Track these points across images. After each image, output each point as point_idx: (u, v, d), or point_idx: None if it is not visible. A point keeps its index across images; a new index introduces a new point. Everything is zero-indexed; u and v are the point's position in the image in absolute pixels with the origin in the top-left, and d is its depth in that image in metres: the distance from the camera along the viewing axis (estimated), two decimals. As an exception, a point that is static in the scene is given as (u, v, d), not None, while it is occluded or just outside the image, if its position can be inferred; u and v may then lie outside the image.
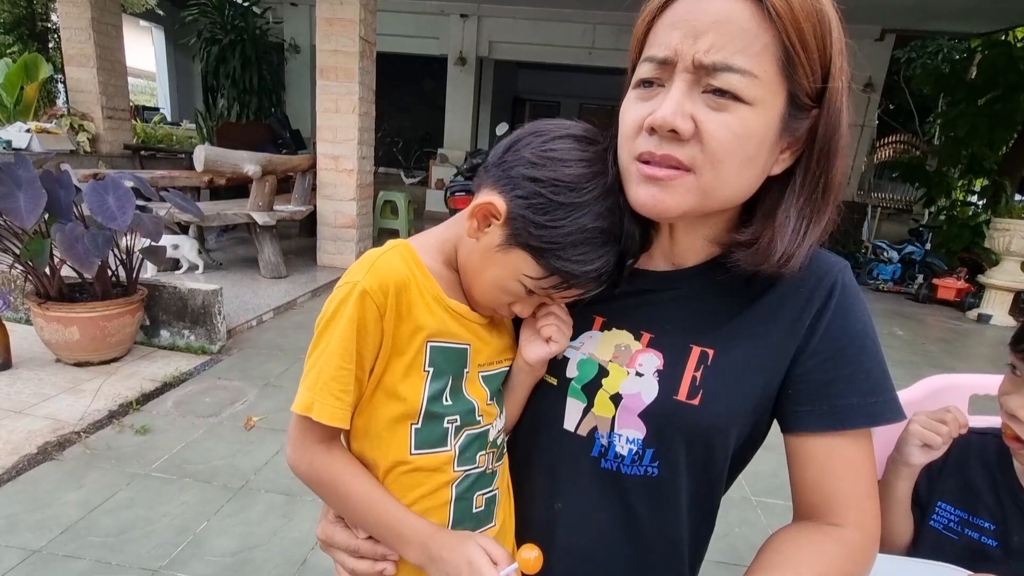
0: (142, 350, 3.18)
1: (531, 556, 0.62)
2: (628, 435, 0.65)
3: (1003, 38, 7.33)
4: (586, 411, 0.67)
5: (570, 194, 0.57)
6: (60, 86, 7.96)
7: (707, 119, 0.52)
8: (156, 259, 3.21)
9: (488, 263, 0.62)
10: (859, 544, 0.60)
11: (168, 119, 10.27)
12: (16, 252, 2.69)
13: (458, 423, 0.65)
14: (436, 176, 9.54)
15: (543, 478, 0.72)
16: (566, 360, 0.68)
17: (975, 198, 8.42)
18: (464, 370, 0.65)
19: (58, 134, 5.78)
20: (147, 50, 11.89)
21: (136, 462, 2.21)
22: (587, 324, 0.69)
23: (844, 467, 0.62)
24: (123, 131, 6.58)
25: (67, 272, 2.82)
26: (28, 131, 5.51)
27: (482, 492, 0.68)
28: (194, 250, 4.48)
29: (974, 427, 0.92)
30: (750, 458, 0.71)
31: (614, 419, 0.65)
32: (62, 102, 7.69)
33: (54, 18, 8.34)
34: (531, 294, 0.63)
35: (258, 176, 4.47)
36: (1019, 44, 7.20)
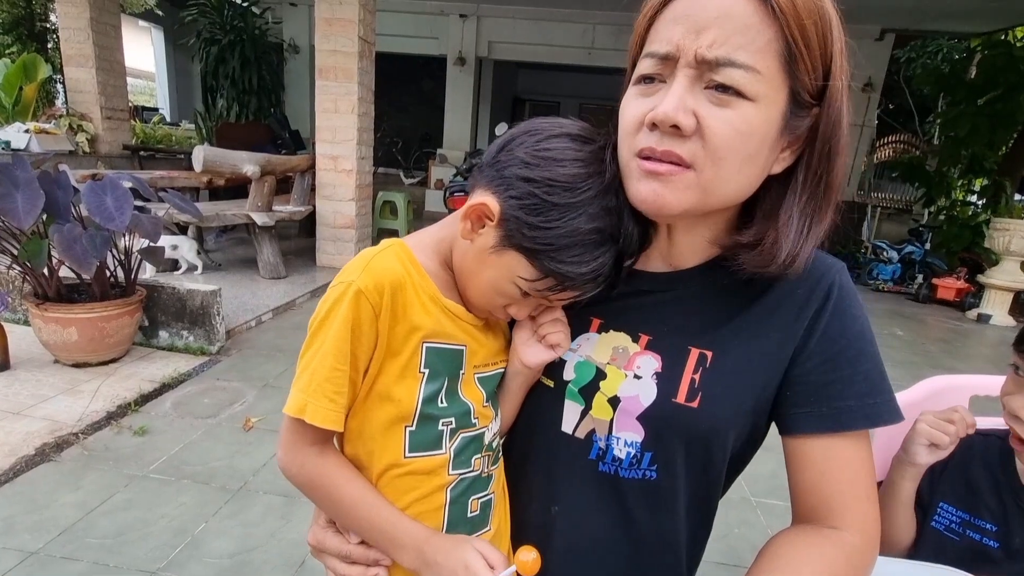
0: (141, 351, 3.17)
1: (528, 558, 0.61)
2: (626, 438, 0.64)
3: (1003, 38, 7.34)
4: (584, 413, 0.66)
5: (564, 194, 0.56)
6: (59, 86, 7.94)
7: (709, 115, 0.52)
8: (155, 260, 3.21)
9: (482, 265, 0.61)
10: (859, 547, 0.60)
11: (167, 119, 10.27)
12: (14, 253, 2.68)
13: (453, 425, 0.64)
14: (435, 176, 9.55)
15: (540, 481, 0.71)
16: (563, 362, 0.68)
17: (975, 198, 8.42)
18: (460, 371, 0.64)
19: (57, 134, 5.77)
20: (146, 50, 11.89)
21: (134, 463, 2.20)
22: (584, 326, 0.68)
23: (842, 469, 0.61)
24: (122, 131, 6.57)
25: (65, 273, 2.81)
26: (27, 131, 5.50)
27: (477, 496, 0.67)
28: (193, 251, 4.47)
29: (978, 428, 0.91)
30: (748, 460, 0.71)
31: (612, 422, 0.65)
32: (61, 102, 7.68)
33: (53, 18, 8.32)
34: (526, 296, 0.62)
35: (257, 176, 4.47)
36: (1019, 44, 7.20)
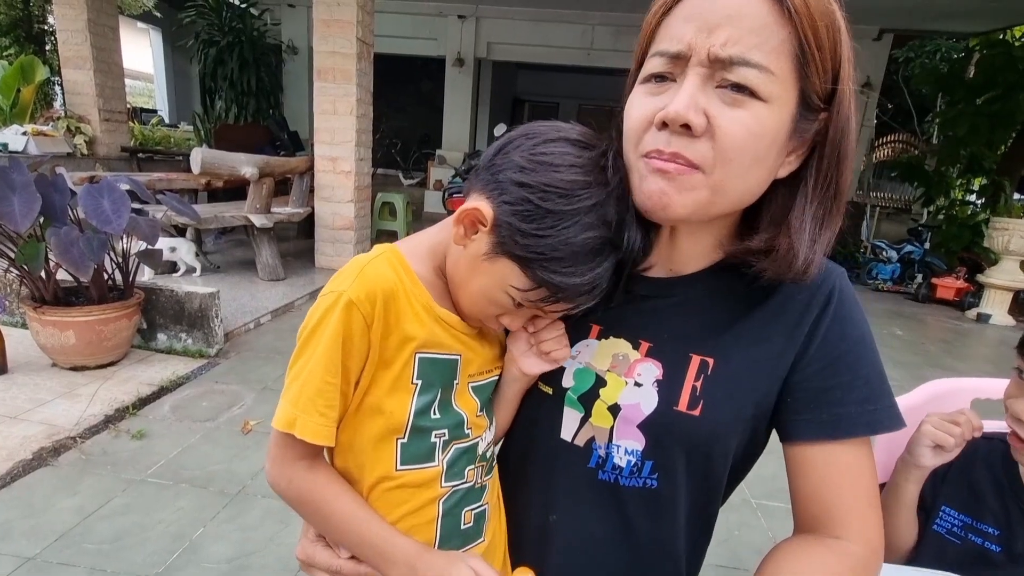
0: (139, 354, 3.16)
1: None
2: (627, 446, 0.63)
3: (1001, 37, 7.34)
4: (583, 421, 0.65)
5: (560, 201, 0.54)
6: (57, 88, 7.94)
7: (721, 114, 0.51)
8: (153, 262, 3.20)
9: (475, 272, 0.59)
10: (862, 557, 0.59)
11: (166, 121, 10.27)
12: (11, 256, 2.67)
13: (446, 437, 0.62)
14: (435, 177, 9.54)
15: (538, 489, 0.70)
16: (562, 368, 0.67)
17: (974, 197, 8.42)
18: (454, 381, 0.63)
19: (55, 136, 5.75)
20: (144, 52, 11.90)
21: (132, 468, 2.19)
22: (584, 333, 0.67)
23: (843, 476, 0.60)
24: (120, 133, 6.55)
25: (63, 276, 2.80)
26: (25, 134, 5.48)
27: (471, 507, 0.66)
28: (191, 253, 4.47)
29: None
30: (749, 468, 0.70)
31: (612, 430, 0.64)
32: (59, 104, 7.66)
33: (51, 20, 8.32)
34: (519, 307, 0.60)
35: (255, 178, 4.46)
36: (1018, 43, 7.20)
